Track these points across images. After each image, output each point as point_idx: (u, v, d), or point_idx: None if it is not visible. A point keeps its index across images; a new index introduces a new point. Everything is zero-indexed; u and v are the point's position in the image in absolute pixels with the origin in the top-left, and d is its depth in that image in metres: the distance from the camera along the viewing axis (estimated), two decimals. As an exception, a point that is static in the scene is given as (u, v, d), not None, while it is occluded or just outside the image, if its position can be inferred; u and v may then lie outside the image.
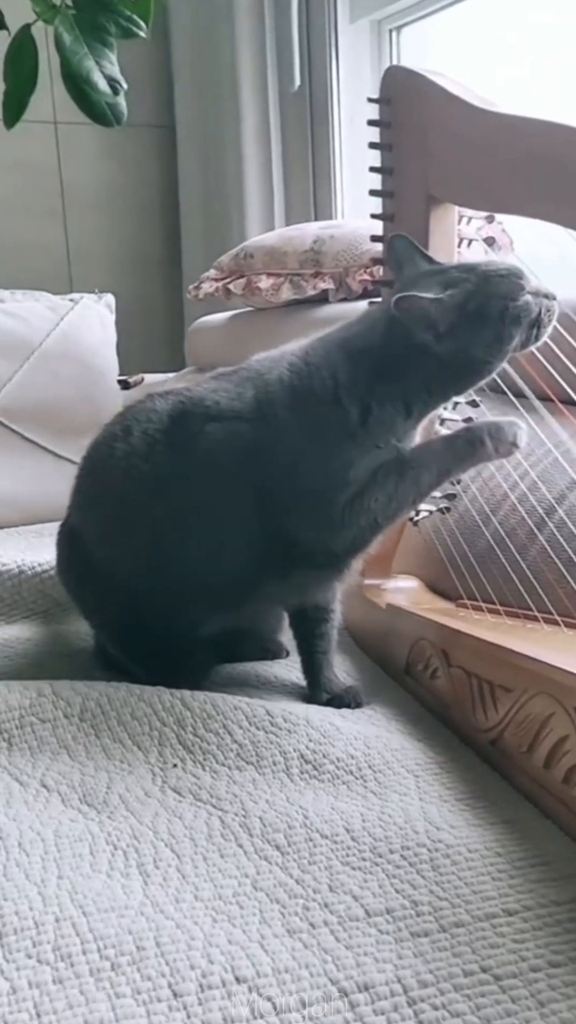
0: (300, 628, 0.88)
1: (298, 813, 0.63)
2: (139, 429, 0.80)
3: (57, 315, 1.60)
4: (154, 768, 0.70)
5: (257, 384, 0.78)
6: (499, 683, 0.70)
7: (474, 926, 0.51)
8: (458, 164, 0.82)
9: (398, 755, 0.71)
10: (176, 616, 0.81)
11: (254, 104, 2.06)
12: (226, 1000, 0.46)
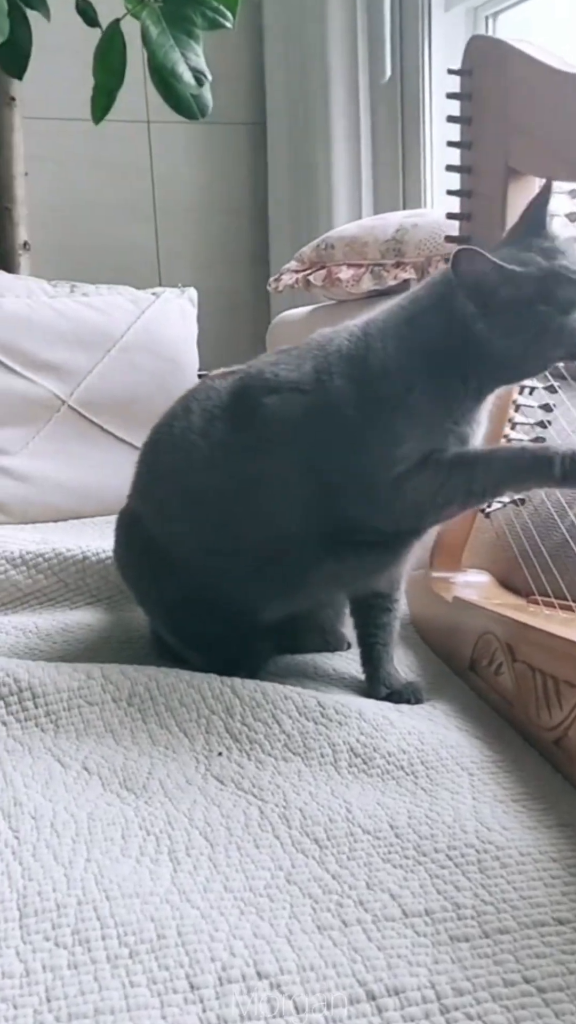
0: (361, 618, 0.84)
1: (341, 807, 0.60)
2: (198, 407, 0.79)
3: (139, 308, 1.60)
4: (198, 756, 0.68)
5: (317, 356, 0.76)
6: (564, 679, 0.66)
7: (520, 933, 0.47)
8: (540, 132, 0.78)
9: (453, 752, 0.67)
10: (234, 599, 0.78)
11: (344, 97, 2.04)
12: (245, 996, 0.43)
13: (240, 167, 2.32)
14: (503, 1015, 0.42)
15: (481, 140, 0.86)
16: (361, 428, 0.73)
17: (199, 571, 0.79)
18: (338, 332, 0.78)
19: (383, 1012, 0.42)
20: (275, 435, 0.75)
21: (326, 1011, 0.42)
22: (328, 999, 0.43)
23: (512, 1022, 0.41)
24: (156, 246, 2.27)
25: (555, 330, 0.69)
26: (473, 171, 0.88)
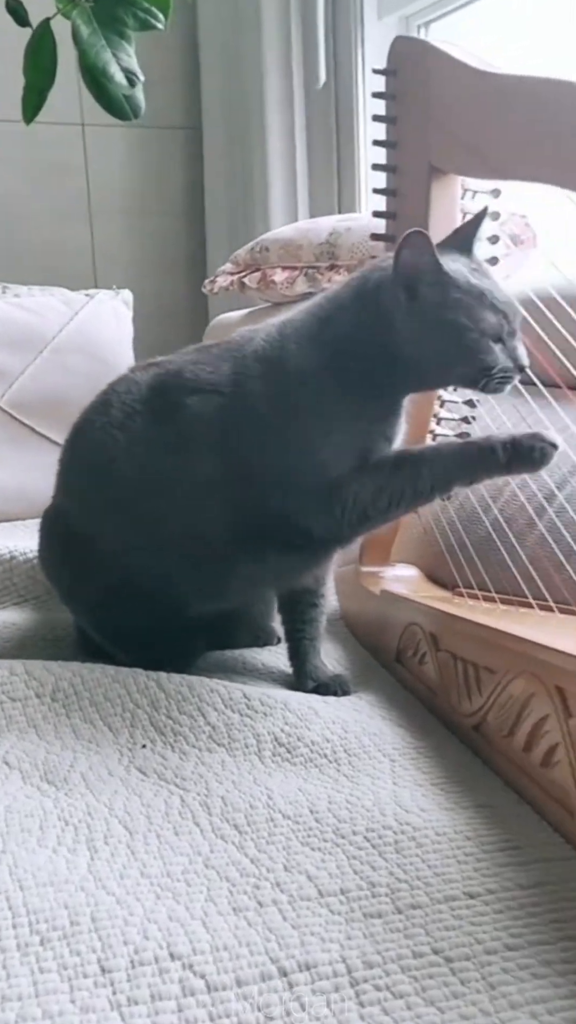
0: (288, 613, 0.85)
1: (262, 794, 0.60)
2: (118, 400, 0.78)
3: (72, 310, 1.59)
4: (122, 748, 0.67)
5: (235, 356, 0.76)
6: (484, 665, 0.67)
7: (432, 908, 0.48)
8: (460, 131, 0.80)
9: (376, 740, 0.68)
10: (157, 596, 0.78)
11: (279, 102, 2.05)
12: (157, 977, 0.43)
13: (176, 171, 2.32)
14: (411, 985, 0.42)
15: (405, 139, 0.87)
16: (281, 430, 0.73)
17: (122, 567, 0.78)
18: (256, 332, 0.78)
19: (294, 987, 0.43)
20: (194, 435, 0.75)
21: (237, 988, 0.43)
22: (239, 977, 0.43)
23: (419, 991, 0.42)
24: (92, 248, 2.26)
25: (469, 348, 0.70)
26: (398, 170, 0.89)
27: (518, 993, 0.41)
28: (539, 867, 0.51)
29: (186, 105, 2.28)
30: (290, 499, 0.74)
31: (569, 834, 0.54)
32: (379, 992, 0.42)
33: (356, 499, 0.73)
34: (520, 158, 0.72)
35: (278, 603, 0.87)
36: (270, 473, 0.74)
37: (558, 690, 0.56)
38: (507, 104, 0.72)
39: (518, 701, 0.61)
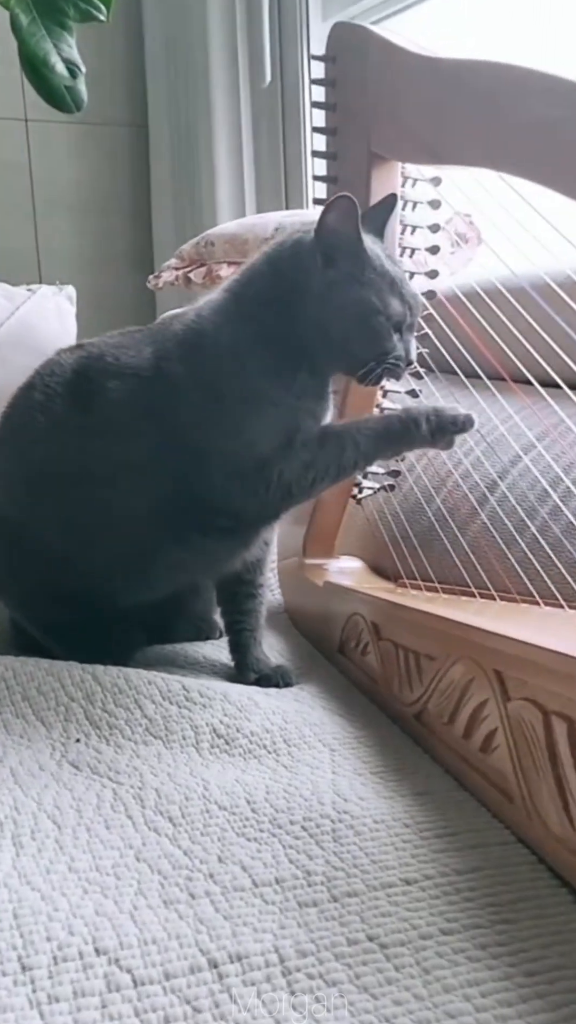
0: (226, 605, 0.84)
1: (198, 785, 0.58)
2: (41, 383, 0.77)
3: (13, 305, 1.56)
4: (55, 743, 0.65)
5: (156, 340, 0.75)
6: (424, 652, 0.66)
7: (368, 895, 0.47)
8: (399, 116, 0.79)
9: (316, 729, 0.67)
10: (87, 585, 0.76)
11: (225, 101, 2.04)
12: (80, 973, 0.42)
13: (122, 167, 2.30)
14: (344, 972, 0.41)
15: (345, 126, 0.87)
16: (204, 413, 0.72)
17: (50, 555, 0.76)
18: (177, 315, 0.77)
19: (224, 978, 0.41)
20: (113, 419, 0.74)
21: (165, 982, 0.41)
22: (167, 970, 0.42)
23: (352, 978, 0.41)
24: (36, 245, 2.23)
25: (373, 330, 0.71)
26: (339, 157, 0.88)
27: (452, 977, 0.40)
28: (477, 852, 0.50)
29: (132, 102, 2.26)
30: (216, 481, 0.73)
31: (507, 819, 0.53)
32: (311, 980, 0.41)
33: (281, 477, 0.72)
34: (459, 142, 0.72)
35: (217, 595, 0.85)
36: (194, 456, 0.72)
37: (496, 674, 0.55)
38: (446, 88, 0.72)
39: (458, 687, 0.60)
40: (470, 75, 0.69)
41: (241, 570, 0.82)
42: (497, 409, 0.90)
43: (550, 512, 0.80)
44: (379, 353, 0.71)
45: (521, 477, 0.86)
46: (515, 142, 0.64)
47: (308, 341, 0.72)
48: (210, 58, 2.02)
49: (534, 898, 0.47)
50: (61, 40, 1.29)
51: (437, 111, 0.73)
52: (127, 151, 2.29)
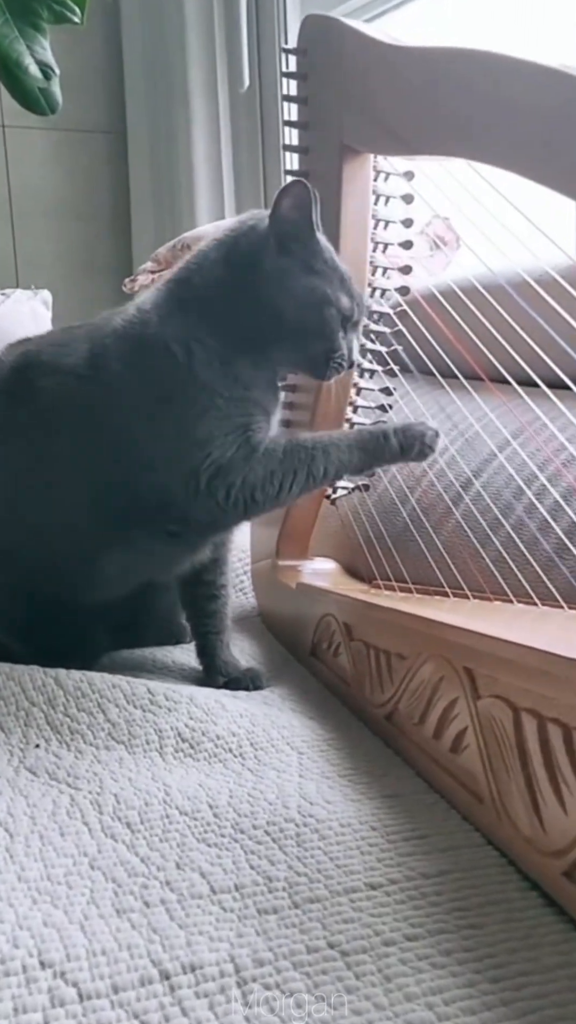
0: (190, 608, 0.82)
1: (159, 790, 0.56)
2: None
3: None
4: (13, 749, 0.63)
5: (94, 338, 0.72)
6: (395, 652, 0.65)
7: (330, 901, 0.45)
8: (371, 108, 0.78)
9: (285, 732, 0.65)
10: (38, 583, 0.74)
11: (204, 106, 2.03)
12: (23, 988, 0.39)
13: (101, 174, 2.28)
14: (302, 981, 0.39)
15: (317, 119, 0.86)
16: (149, 413, 0.69)
17: (3, 554, 0.74)
18: (116, 313, 0.74)
19: (176, 990, 0.39)
20: (49, 418, 0.71)
21: (112, 995, 0.39)
22: (116, 983, 0.39)
23: (311, 987, 0.39)
24: (13, 251, 2.21)
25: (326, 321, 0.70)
26: (310, 151, 0.87)
27: (415, 984, 0.38)
28: (445, 856, 0.49)
29: (110, 107, 2.25)
30: (164, 482, 0.70)
31: (478, 821, 0.51)
32: (268, 991, 0.39)
33: (244, 482, 0.69)
34: (431, 132, 0.71)
35: (181, 600, 0.83)
36: (139, 458, 0.70)
37: (467, 671, 0.53)
38: (418, 77, 0.70)
39: (428, 686, 0.58)
40: (442, 63, 0.67)
41: (200, 571, 0.80)
42: (472, 407, 0.89)
43: (525, 509, 0.78)
44: (328, 346, 0.71)
45: (496, 475, 0.84)
46: (488, 130, 0.62)
47: (259, 329, 0.71)
48: (188, 63, 2.01)
49: (503, 901, 0.45)
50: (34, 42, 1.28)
51: (409, 100, 0.72)
52: (105, 157, 2.28)
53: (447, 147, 0.69)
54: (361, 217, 0.85)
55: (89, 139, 2.26)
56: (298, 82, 0.87)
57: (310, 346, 0.71)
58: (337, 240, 0.84)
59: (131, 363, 0.70)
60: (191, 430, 0.69)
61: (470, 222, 0.73)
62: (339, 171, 0.84)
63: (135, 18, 2.13)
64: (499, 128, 0.61)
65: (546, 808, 0.44)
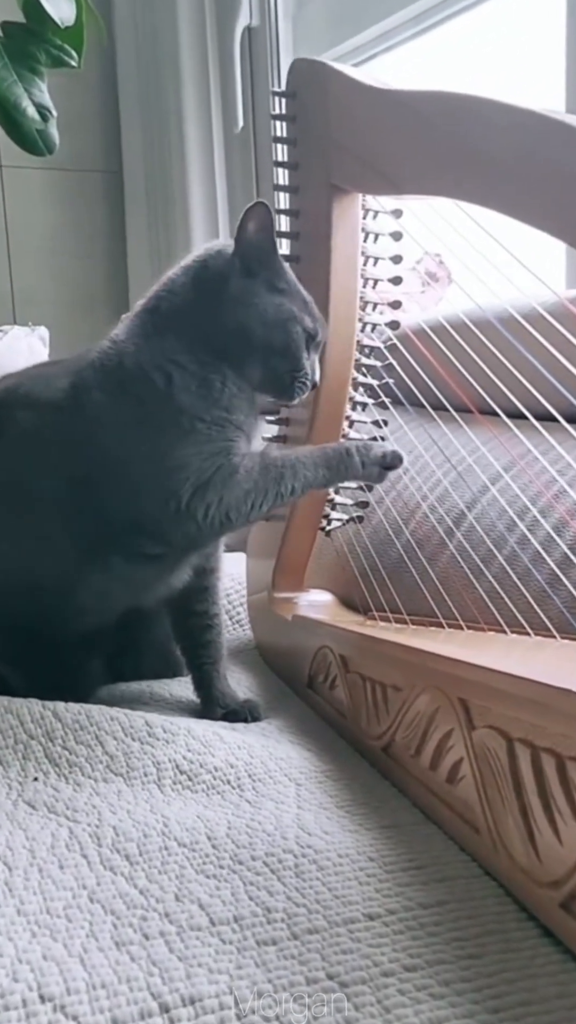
0: (184, 640, 0.83)
1: (158, 822, 0.57)
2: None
3: (-16, 344, 1.56)
4: (12, 782, 0.63)
5: (72, 370, 0.74)
6: (391, 683, 0.65)
7: (329, 932, 0.45)
8: (359, 148, 0.80)
9: (282, 764, 0.65)
10: (22, 612, 0.75)
11: (199, 146, 2.07)
12: (23, 1022, 0.40)
13: (97, 212, 2.32)
14: (301, 1013, 0.39)
15: (306, 160, 0.88)
16: (129, 439, 0.71)
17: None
18: (93, 346, 0.76)
19: (175, 1023, 0.39)
20: (24, 450, 0.73)
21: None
22: (115, 1016, 0.40)
23: (311, 1019, 0.39)
24: (11, 288, 2.23)
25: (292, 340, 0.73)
26: (300, 191, 0.89)
27: (414, 1015, 0.39)
28: (443, 886, 0.49)
29: (106, 148, 2.29)
30: (143, 505, 0.71)
31: (475, 851, 0.52)
32: (267, 1023, 0.39)
33: (222, 502, 0.71)
34: (418, 172, 0.72)
35: (174, 634, 0.83)
36: (119, 484, 0.71)
37: (461, 702, 0.54)
38: (403, 119, 0.72)
39: (424, 717, 0.59)
40: (424, 105, 0.69)
41: (191, 601, 0.81)
42: (464, 440, 0.90)
43: (518, 541, 0.79)
44: (294, 364, 0.73)
45: (489, 507, 0.85)
46: (470, 169, 0.64)
47: (230, 350, 0.73)
48: (183, 104, 2.05)
49: (500, 932, 0.45)
50: (32, 85, 1.31)
51: (393, 141, 0.74)
52: (102, 195, 2.31)
53: (432, 186, 0.71)
54: (351, 254, 0.87)
55: (86, 178, 2.30)
56: (287, 124, 0.89)
57: (277, 365, 0.73)
58: (328, 276, 0.86)
59: (110, 391, 0.71)
60: (172, 453, 0.70)
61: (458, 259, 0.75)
62: (328, 210, 0.86)
63: (131, 61, 2.18)
64: (480, 167, 0.62)
65: (541, 838, 0.45)
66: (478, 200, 0.62)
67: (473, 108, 0.63)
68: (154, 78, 2.11)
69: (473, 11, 1.47)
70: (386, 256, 0.87)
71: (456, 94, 0.65)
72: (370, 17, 1.65)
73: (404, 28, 1.62)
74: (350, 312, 0.87)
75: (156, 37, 2.07)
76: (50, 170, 2.23)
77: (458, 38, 1.57)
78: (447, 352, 0.84)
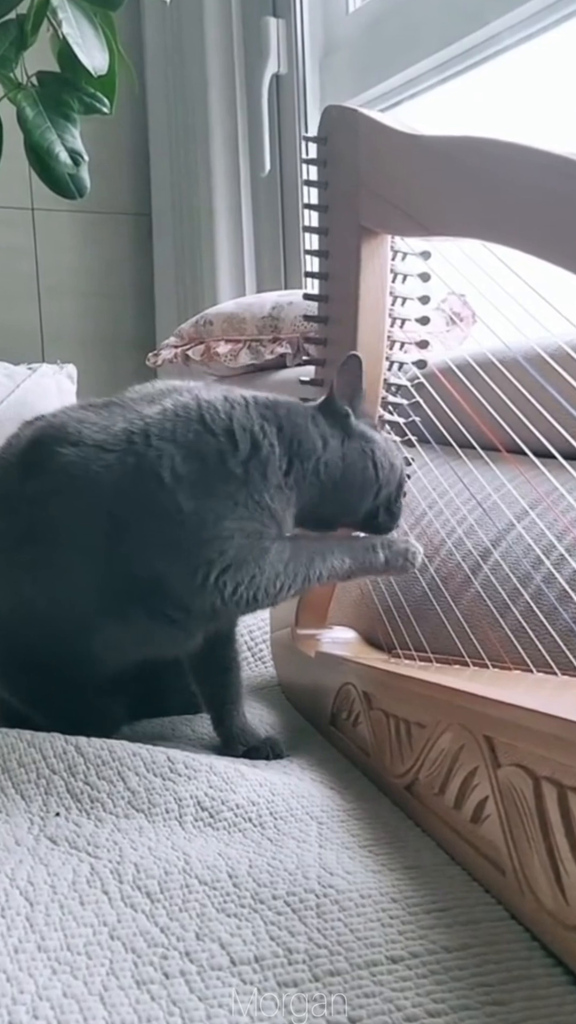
0: (203, 683, 0.82)
1: (179, 859, 0.56)
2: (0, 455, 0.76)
3: (13, 382, 1.58)
4: (33, 817, 0.63)
5: (128, 416, 0.72)
6: (415, 720, 0.65)
7: (352, 974, 0.44)
8: (388, 191, 0.81)
9: (304, 802, 0.65)
10: (48, 657, 0.75)
11: (227, 190, 2.11)
12: (43, 1058, 0.39)
13: (126, 254, 2.36)
14: (322, 1057, 0.39)
15: (336, 202, 0.89)
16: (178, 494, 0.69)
17: (14, 626, 0.76)
18: (163, 394, 0.75)
19: (195, 1065, 0.39)
20: (65, 488, 0.71)
21: (131, 1068, 0.38)
22: (135, 1055, 0.39)
23: (332, 1064, 0.38)
24: (40, 327, 2.27)
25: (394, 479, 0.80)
26: (330, 232, 0.90)
27: (438, 1061, 0.38)
28: (467, 929, 0.48)
29: (136, 192, 2.33)
30: (172, 569, 0.70)
31: (500, 893, 0.51)
32: (288, 1066, 0.38)
33: (252, 582, 0.71)
34: (446, 215, 0.74)
35: (191, 673, 0.83)
36: (153, 539, 0.70)
37: (487, 739, 0.53)
38: (432, 163, 0.74)
39: (448, 755, 0.58)
40: (452, 150, 0.71)
41: (211, 646, 0.80)
42: (490, 477, 0.90)
43: (544, 579, 0.79)
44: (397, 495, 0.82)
45: (515, 544, 0.85)
46: (499, 213, 0.65)
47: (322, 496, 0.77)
48: (212, 149, 2.10)
49: (527, 978, 0.44)
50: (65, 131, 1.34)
51: (422, 185, 0.75)
52: (131, 237, 2.35)
53: (460, 228, 0.72)
54: (379, 294, 0.88)
55: (116, 221, 2.34)
56: (319, 167, 0.91)
57: (382, 497, 0.81)
58: (356, 316, 0.87)
59: (177, 441, 0.70)
60: (215, 522, 0.69)
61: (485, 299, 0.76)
62: (357, 251, 0.87)
63: (161, 107, 2.23)
64: (509, 211, 0.63)
65: (568, 879, 0.44)
66: (506, 241, 0.63)
67: (500, 152, 0.64)
68: (183, 124, 2.16)
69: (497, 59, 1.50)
70: (414, 296, 0.88)
71: (484, 138, 0.66)
72: (395, 65, 1.68)
73: (428, 76, 1.65)
74: (377, 351, 0.88)
75: (186, 84, 2.12)
76: (81, 213, 2.27)
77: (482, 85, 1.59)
78: (473, 390, 0.85)
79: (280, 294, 1.61)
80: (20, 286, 2.26)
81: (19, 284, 2.25)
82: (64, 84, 1.31)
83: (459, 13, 1.48)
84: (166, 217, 2.25)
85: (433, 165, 0.73)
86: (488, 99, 1.63)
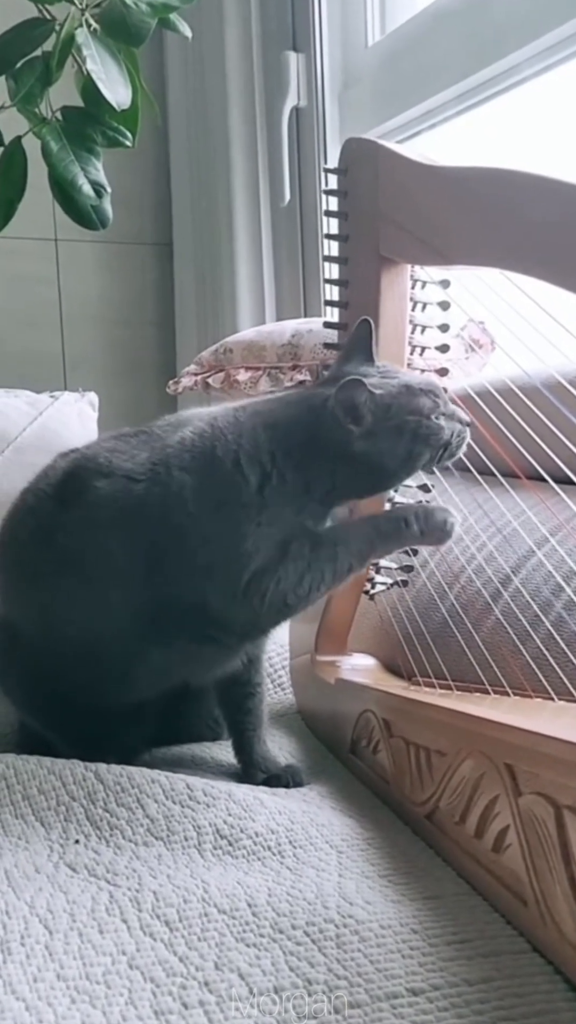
0: (226, 705, 0.82)
1: (198, 887, 0.56)
2: (35, 487, 0.78)
3: (36, 410, 1.60)
4: (53, 844, 0.63)
5: (154, 446, 0.74)
6: (435, 748, 0.64)
7: (372, 1007, 0.44)
8: (407, 221, 0.82)
9: (324, 831, 0.64)
10: (77, 684, 0.75)
11: (247, 220, 2.13)
12: None
13: (147, 283, 2.38)
14: None
15: (356, 232, 0.90)
16: (203, 522, 0.70)
17: (39, 654, 0.76)
18: (183, 423, 0.76)
19: None
20: (100, 520, 0.72)
21: None
22: None
23: None
24: (62, 355, 2.30)
25: (423, 432, 0.73)
26: (350, 261, 0.91)
27: None
28: (489, 961, 0.47)
29: (157, 222, 2.36)
30: (207, 590, 0.71)
31: (522, 925, 0.50)
32: None
33: (278, 587, 0.71)
34: (465, 245, 0.74)
35: (216, 697, 0.83)
36: (186, 564, 0.71)
37: (507, 767, 0.53)
38: (450, 194, 0.75)
39: (469, 783, 0.58)
40: (474, 181, 0.72)
41: (239, 671, 0.80)
42: (510, 504, 0.90)
43: (565, 606, 0.78)
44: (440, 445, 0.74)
45: (535, 571, 0.84)
46: (517, 243, 0.66)
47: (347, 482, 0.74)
48: (232, 180, 2.12)
49: (549, 1012, 0.43)
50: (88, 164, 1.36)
51: (441, 215, 0.76)
52: (152, 267, 2.38)
53: (479, 258, 0.73)
54: (399, 322, 0.89)
55: (137, 251, 2.37)
56: (339, 198, 0.92)
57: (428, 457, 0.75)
58: (376, 344, 0.88)
59: (193, 473, 0.71)
60: (238, 544, 0.70)
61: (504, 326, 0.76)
62: (377, 280, 0.88)
63: (183, 139, 2.26)
64: (528, 240, 0.64)
65: (591, 911, 0.43)
66: (525, 270, 0.64)
67: (520, 183, 0.64)
68: (204, 156, 2.19)
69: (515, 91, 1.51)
70: (433, 324, 0.88)
71: (503, 169, 0.67)
72: (413, 97, 1.70)
73: (446, 107, 1.66)
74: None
75: (207, 117, 2.16)
76: (103, 243, 2.31)
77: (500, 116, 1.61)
78: (493, 417, 0.85)
79: (300, 322, 1.62)
80: (43, 315, 2.29)
81: (42, 313, 2.28)
82: (88, 118, 1.34)
83: (477, 45, 1.50)
84: (187, 247, 2.27)
85: (452, 195, 0.74)
86: (506, 130, 1.64)
